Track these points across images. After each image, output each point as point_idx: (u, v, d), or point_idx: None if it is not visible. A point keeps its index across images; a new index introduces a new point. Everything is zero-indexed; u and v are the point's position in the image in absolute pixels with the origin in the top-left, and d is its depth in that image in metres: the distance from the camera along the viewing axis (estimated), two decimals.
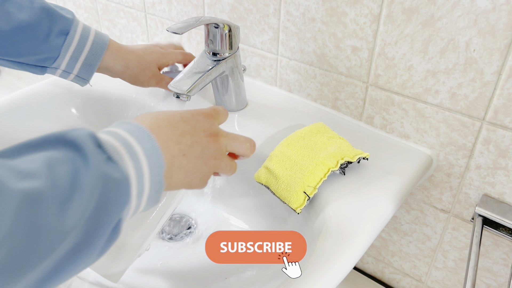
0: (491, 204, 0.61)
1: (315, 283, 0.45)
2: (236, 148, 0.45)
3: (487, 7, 0.51)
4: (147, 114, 0.40)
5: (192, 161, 0.40)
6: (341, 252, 0.48)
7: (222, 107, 0.47)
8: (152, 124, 0.38)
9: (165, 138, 0.38)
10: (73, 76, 0.62)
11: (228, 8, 0.76)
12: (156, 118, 0.39)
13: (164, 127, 0.39)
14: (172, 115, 0.41)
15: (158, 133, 0.37)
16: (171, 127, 0.39)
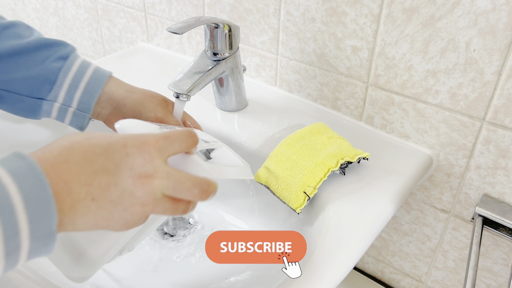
0: (491, 204, 0.61)
1: (315, 283, 0.45)
2: (177, 194, 0.35)
3: (487, 7, 0.51)
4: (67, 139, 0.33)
5: (105, 207, 0.32)
6: (341, 252, 0.48)
7: (188, 130, 0.37)
8: (59, 157, 0.31)
9: (68, 178, 0.31)
10: (72, 112, 0.53)
11: (228, 8, 0.76)
12: (70, 149, 0.32)
13: (73, 163, 0.31)
14: (95, 145, 0.32)
15: (60, 172, 0.30)
16: (83, 163, 0.31)
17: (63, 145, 0.32)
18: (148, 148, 0.33)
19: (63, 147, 0.32)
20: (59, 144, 0.32)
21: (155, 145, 0.34)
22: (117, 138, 0.33)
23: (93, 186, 0.31)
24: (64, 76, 0.52)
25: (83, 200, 0.31)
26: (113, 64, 0.88)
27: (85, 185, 0.31)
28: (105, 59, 0.90)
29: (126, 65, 0.88)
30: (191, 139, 0.37)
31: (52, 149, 0.32)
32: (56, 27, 1.17)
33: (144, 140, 0.34)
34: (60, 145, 0.32)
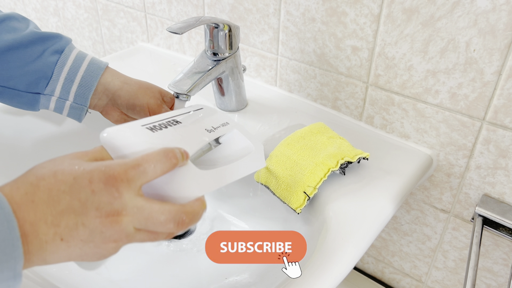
0: (491, 204, 0.61)
1: (315, 283, 0.45)
2: (151, 229, 0.33)
3: (487, 7, 0.51)
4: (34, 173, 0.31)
5: (76, 246, 0.31)
6: (341, 252, 0.48)
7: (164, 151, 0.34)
8: (26, 196, 0.30)
9: (35, 219, 0.29)
10: (69, 105, 0.54)
11: (228, 8, 0.76)
12: (36, 187, 0.30)
13: (39, 203, 0.30)
14: (60, 182, 0.31)
15: (26, 213, 0.29)
16: (49, 203, 0.30)
17: (29, 181, 0.31)
18: (116, 183, 0.31)
19: (29, 184, 0.30)
20: (25, 181, 0.31)
21: (124, 178, 0.31)
22: (83, 172, 0.31)
23: (61, 227, 0.30)
24: (60, 70, 0.52)
25: (51, 241, 0.30)
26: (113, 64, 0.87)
27: (52, 226, 0.30)
28: (105, 59, 0.90)
29: (126, 65, 0.88)
30: (168, 162, 0.33)
31: (19, 186, 0.30)
32: (56, 27, 1.17)
33: (111, 173, 0.31)
34: (26, 182, 0.31)
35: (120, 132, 0.36)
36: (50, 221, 0.30)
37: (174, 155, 0.34)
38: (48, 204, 0.30)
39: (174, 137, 0.39)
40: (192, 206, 0.35)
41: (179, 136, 0.39)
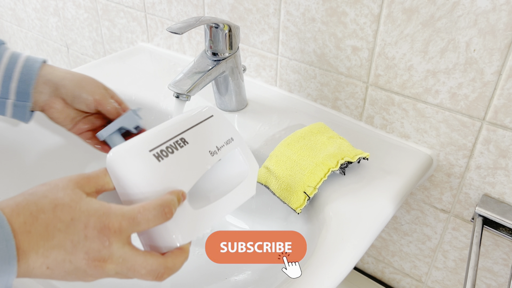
0: (491, 204, 0.61)
1: (315, 283, 0.45)
2: (130, 277, 0.35)
3: (487, 7, 0.51)
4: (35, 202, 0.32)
5: (59, 274, 0.33)
6: (341, 252, 0.48)
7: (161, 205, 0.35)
8: (24, 226, 0.31)
9: (28, 249, 0.31)
10: (11, 104, 0.52)
11: (228, 8, 0.76)
12: (35, 218, 0.32)
13: (34, 234, 0.31)
14: (58, 219, 0.32)
15: (21, 241, 0.31)
16: (44, 236, 0.31)
17: (29, 211, 0.32)
18: (109, 233, 0.33)
19: (29, 214, 0.32)
20: (26, 209, 0.32)
21: (117, 229, 0.33)
22: (80, 215, 0.33)
23: (49, 259, 0.32)
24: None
25: (38, 268, 0.32)
26: (113, 64, 0.88)
27: (42, 256, 0.31)
28: (105, 59, 0.90)
29: (126, 65, 0.88)
30: (162, 217, 0.35)
31: (19, 213, 0.31)
32: (56, 27, 1.17)
33: (106, 223, 0.33)
34: (26, 211, 0.32)
35: (125, 160, 0.36)
36: (41, 253, 0.31)
37: (170, 210, 0.35)
38: (43, 238, 0.31)
39: (178, 169, 0.39)
40: (173, 260, 0.36)
41: (182, 166, 0.40)
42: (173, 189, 0.37)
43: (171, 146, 0.40)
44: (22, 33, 1.31)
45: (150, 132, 0.41)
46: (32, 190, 0.33)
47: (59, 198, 0.33)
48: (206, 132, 0.44)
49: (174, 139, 0.40)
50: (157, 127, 0.42)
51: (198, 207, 0.40)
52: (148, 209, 0.34)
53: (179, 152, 0.40)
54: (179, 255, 0.37)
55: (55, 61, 1.27)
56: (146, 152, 0.38)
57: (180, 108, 0.62)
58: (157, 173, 0.37)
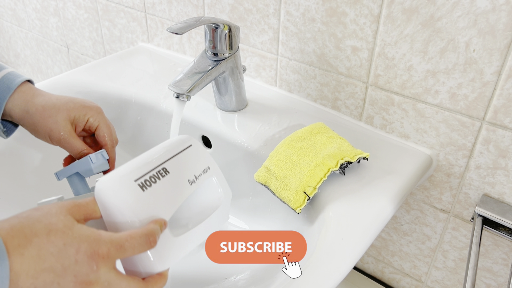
0: (491, 204, 0.61)
1: (315, 283, 0.45)
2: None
3: (487, 7, 0.51)
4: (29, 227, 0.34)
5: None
6: (341, 252, 0.48)
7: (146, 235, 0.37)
8: (18, 248, 0.32)
9: (19, 270, 0.32)
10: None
11: (228, 8, 0.76)
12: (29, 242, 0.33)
13: (27, 257, 0.32)
14: (51, 244, 0.34)
15: (13, 263, 0.32)
16: (36, 259, 0.33)
17: (24, 234, 0.33)
18: (98, 259, 0.35)
19: (23, 237, 0.33)
20: (21, 231, 0.33)
21: (105, 256, 0.35)
22: (73, 240, 0.34)
23: (38, 280, 0.33)
24: None
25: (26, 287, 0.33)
26: (113, 64, 0.88)
27: (31, 278, 0.33)
28: (105, 59, 0.90)
29: (126, 65, 0.88)
30: (147, 245, 0.37)
31: (14, 235, 0.33)
32: (57, 27, 1.17)
33: (96, 249, 0.35)
34: (21, 233, 0.33)
35: (113, 192, 0.38)
36: (31, 274, 0.33)
37: (154, 239, 0.37)
38: (35, 260, 0.33)
39: (160, 198, 0.42)
40: (153, 285, 0.39)
41: (164, 195, 0.42)
42: (155, 217, 0.40)
43: (154, 176, 0.42)
44: (22, 33, 1.31)
45: (135, 161, 0.42)
46: (26, 214, 0.35)
47: (52, 224, 0.34)
48: (185, 161, 0.47)
49: (156, 169, 0.43)
50: (141, 156, 0.44)
51: (178, 235, 0.43)
52: (134, 238, 0.36)
53: (161, 181, 0.42)
54: (159, 281, 0.39)
55: (56, 61, 1.27)
56: (132, 182, 0.40)
57: (180, 108, 0.62)
58: (141, 202, 0.39)
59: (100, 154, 0.53)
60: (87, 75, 0.83)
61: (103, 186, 0.39)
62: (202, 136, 0.71)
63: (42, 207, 0.36)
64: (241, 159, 0.67)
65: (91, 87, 0.81)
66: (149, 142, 0.79)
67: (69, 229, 0.35)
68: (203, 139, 0.72)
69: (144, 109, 0.77)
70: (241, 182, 0.69)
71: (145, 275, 0.39)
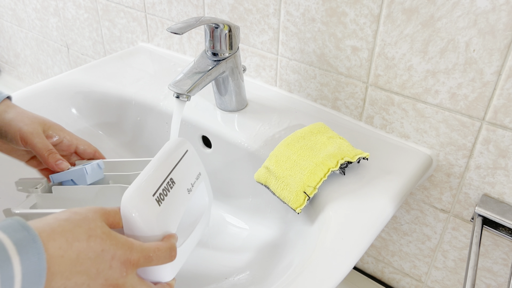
0: (491, 204, 0.61)
1: (315, 283, 0.45)
2: None
3: (487, 7, 0.51)
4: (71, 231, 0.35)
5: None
6: (341, 252, 0.48)
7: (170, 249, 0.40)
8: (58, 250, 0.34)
9: (56, 271, 0.34)
10: None
11: (228, 8, 0.76)
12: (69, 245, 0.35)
13: (66, 259, 0.34)
14: (90, 249, 0.35)
15: (52, 264, 0.33)
16: (74, 262, 0.35)
17: (65, 238, 0.35)
18: (128, 265, 0.37)
19: (64, 240, 0.34)
20: (62, 235, 0.35)
21: (135, 263, 0.38)
22: (110, 247, 0.36)
23: (71, 281, 0.35)
24: None
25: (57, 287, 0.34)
26: (113, 64, 0.88)
27: (65, 279, 0.34)
28: (105, 59, 0.90)
29: (126, 65, 0.88)
30: (169, 258, 0.40)
31: (55, 238, 0.34)
32: (57, 27, 1.17)
33: (129, 257, 0.37)
34: (62, 237, 0.34)
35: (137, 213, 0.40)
36: (65, 276, 0.34)
37: (175, 253, 0.41)
38: (72, 263, 0.34)
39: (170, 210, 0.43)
40: None
41: (173, 207, 0.44)
42: (167, 229, 0.42)
43: (165, 189, 0.43)
44: (23, 33, 1.31)
45: (148, 173, 0.43)
46: (65, 216, 0.36)
47: (92, 229, 0.36)
48: (185, 169, 0.47)
49: (166, 181, 0.44)
50: (151, 166, 0.44)
51: (180, 245, 0.44)
52: (161, 250, 0.40)
53: (171, 193, 0.44)
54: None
55: (56, 61, 1.27)
56: (151, 198, 0.41)
57: (180, 108, 0.62)
58: (159, 218, 0.41)
59: (96, 164, 0.54)
60: (87, 75, 0.83)
61: (128, 205, 0.40)
62: (202, 136, 0.71)
63: (77, 210, 0.37)
64: (241, 159, 0.67)
65: (91, 87, 0.81)
66: (149, 142, 0.79)
67: (107, 236, 0.37)
68: (203, 139, 0.72)
69: (144, 109, 0.77)
70: (241, 182, 0.69)
71: (155, 282, 0.42)
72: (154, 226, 0.41)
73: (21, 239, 0.32)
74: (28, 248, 0.32)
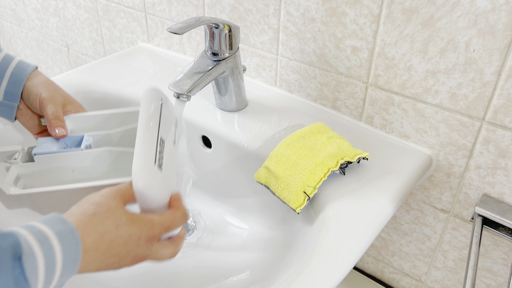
0: (490, 204, 0.61)
1: (315, 283, 0.45)
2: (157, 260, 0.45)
3: (487, 7, 0.51)
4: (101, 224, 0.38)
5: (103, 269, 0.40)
6: (341, 252, 0.49)
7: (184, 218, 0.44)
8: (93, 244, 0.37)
9: (91, 260, 0.37)
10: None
11: (228, 8, 0.76)
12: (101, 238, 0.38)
13: (100, 250, 0.38)
14: (119, 236, 0.39)
15: (87, 256, 0.37)
16: (107, 251, 0.38)
17: (97, 231, 0.38)
18: (153, 241, 0.42)
19: (97, 234, 0.38)
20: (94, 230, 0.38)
21: (157, 236, 0.42)
22: (135, 230, 0.40)
23: (103, 264, 0.39)
24: None
25: (91, 271, 0.38)
26: (113, 64, 0.88)
27: (99, 263, 0.38)
28: (105, 59, 0.90)
29: (126, 65, 0.88)
30: (184, 222, 0.45)
31: (89, 234, 0.37)
32: (57, 27, 1.17)
33: (152, 234, 0.41)
34: (95, 231, 0.38)
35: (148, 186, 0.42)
36: (99, 261, 0.38)
37: (187, 216, 0.45)
38: (105, 252, 0.38)
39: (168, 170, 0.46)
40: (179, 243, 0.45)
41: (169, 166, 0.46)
42: (171, 188, 0.45)
43: (160, 152, 0.45)
44: (23, 33, 1.31)
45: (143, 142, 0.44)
46: (92, 211, 0.39)
47: (117, 219, 0.40)
48: (166, 123, 0.49)
49: (158, 143, 0.45)
50: (141, 132, 0.45)
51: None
52: (176, 218, 0.43)
53: (165, 154, 0.46)
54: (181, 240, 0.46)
55: (56, 61, 1.27)
56: (153, 167, 0.43)
57: (180, 108, 0.62)
58: (165, 183, 0.44)
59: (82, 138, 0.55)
60: (87, 75, 0.83)
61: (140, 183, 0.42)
62: (202, 136, 0.71)
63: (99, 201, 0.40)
64: (241, 159, 0.67)
65: (91, 87, 0.81)
66: None
67: (131, 221, 0.40)
68: (203, 139, 0.72)
69: None
70: (241, 182, 0.69)
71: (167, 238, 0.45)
72: (164, 192, 0.43)
73: (60, 231, 0.35)
74: (67, 238, 0.35)
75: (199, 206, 0.73)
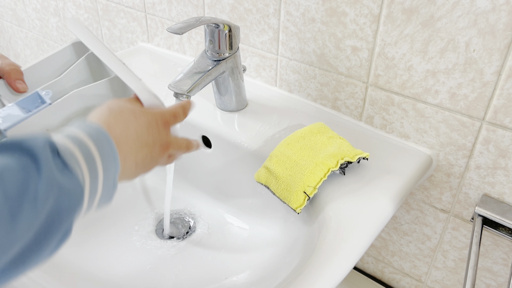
0: (491, 204, 0.61)
1: (315, 283, 0.45)
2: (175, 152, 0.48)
3: (487, 7, 0.51)
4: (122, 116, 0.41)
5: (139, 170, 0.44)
6: (341, 252, 0.49)
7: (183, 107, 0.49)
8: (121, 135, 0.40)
9: (127, 152, 0.40)
10: None
11: (228, 8, 0.76)
12: (127, 128, 0.41)
13: (129, 139, 0.41)
14: (141, 124, 0.42)
15: (121, 146, 0.39)
16: (135, 139, 0.41)
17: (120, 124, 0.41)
18: (167, 126, 0.46)
19: (123, 126, 0.41)
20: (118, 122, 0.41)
21: (170, 122, 0.46)
22: (152, 117, 0.44)
23: (138, 156, 0.42)
24: None
25: (130, 166, 0.41)
26: None
27: (134, 154, 0.41)
28: None
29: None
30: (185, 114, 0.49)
31: (113, 126, 0.40)
32: (57, 27, 1.17)
33: (165, 119, 0.45)
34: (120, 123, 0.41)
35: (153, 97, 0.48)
36: (134, 151, 0.41)
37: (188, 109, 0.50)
38: (135, 141, 0.41)
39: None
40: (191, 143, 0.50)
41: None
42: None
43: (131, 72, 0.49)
44: (23, 33, 1.31)
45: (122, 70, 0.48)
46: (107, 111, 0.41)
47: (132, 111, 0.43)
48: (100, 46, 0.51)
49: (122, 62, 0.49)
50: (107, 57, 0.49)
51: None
52: (177, 107, 0.48)
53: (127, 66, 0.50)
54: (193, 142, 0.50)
55: None
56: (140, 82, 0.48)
57: None
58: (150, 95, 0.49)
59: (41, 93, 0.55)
60: None
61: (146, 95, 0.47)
62: (202, 136, 0.71)
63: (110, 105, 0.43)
64: (241, 159, 0.67)
65: None
66: None
67: (144, 111, 0.44)
68: (203, 139, 0.72)
69: None
70: (241, 182, 0.69)
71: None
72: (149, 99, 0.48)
73: (89, 132, 0.37)
74: (96, 134, 0.37)
75: (199, 206, 0.73)
